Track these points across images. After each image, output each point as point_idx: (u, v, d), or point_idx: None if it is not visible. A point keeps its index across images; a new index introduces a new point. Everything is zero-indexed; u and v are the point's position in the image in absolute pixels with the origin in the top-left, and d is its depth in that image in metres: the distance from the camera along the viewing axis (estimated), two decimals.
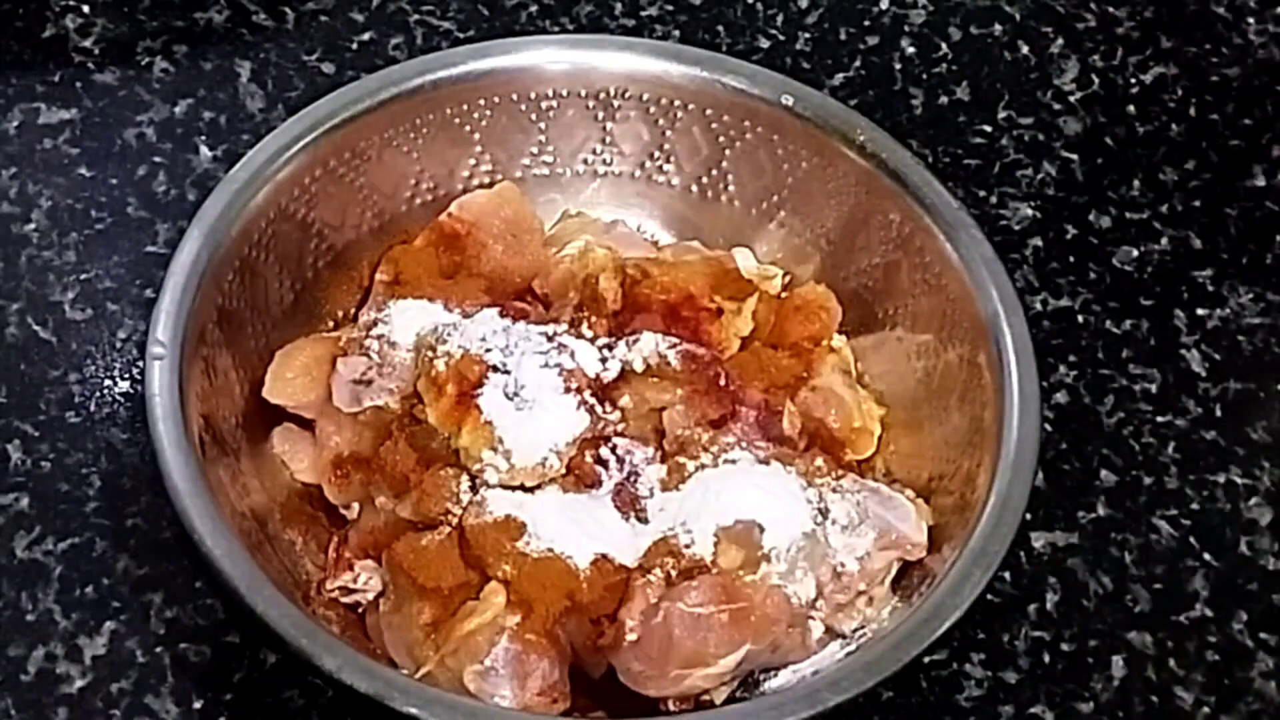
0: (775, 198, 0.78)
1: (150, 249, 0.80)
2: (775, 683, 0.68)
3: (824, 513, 0.68)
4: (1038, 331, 0.76)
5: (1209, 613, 0.74)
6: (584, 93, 0.78)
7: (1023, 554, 0.74)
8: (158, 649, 0.69)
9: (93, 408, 0.75)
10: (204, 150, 0.83)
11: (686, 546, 0.67)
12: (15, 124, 0.83)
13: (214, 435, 0.68)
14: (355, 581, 0.69)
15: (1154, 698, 0.72)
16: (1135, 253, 0.84)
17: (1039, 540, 0.75)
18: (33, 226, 0.80)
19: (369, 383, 0.70)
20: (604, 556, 0.66)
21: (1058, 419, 0.78)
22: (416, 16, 0.89)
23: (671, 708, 0.67)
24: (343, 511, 0.71)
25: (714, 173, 0.79)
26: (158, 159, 0.83)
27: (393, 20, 0.89)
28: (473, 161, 0.78)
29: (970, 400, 0.71)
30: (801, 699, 0.62)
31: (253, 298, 0.72)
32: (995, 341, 0.70)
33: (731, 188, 0.79)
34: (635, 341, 0.71)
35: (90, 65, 0.85)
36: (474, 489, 0.68)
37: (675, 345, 0.71)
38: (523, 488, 0.68)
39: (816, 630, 0.68)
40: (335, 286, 0.76)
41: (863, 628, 0.69)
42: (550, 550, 0.66)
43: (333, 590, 0.69)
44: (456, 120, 0.77)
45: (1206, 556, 0.75)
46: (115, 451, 0.74)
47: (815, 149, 0.76)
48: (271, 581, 0.63)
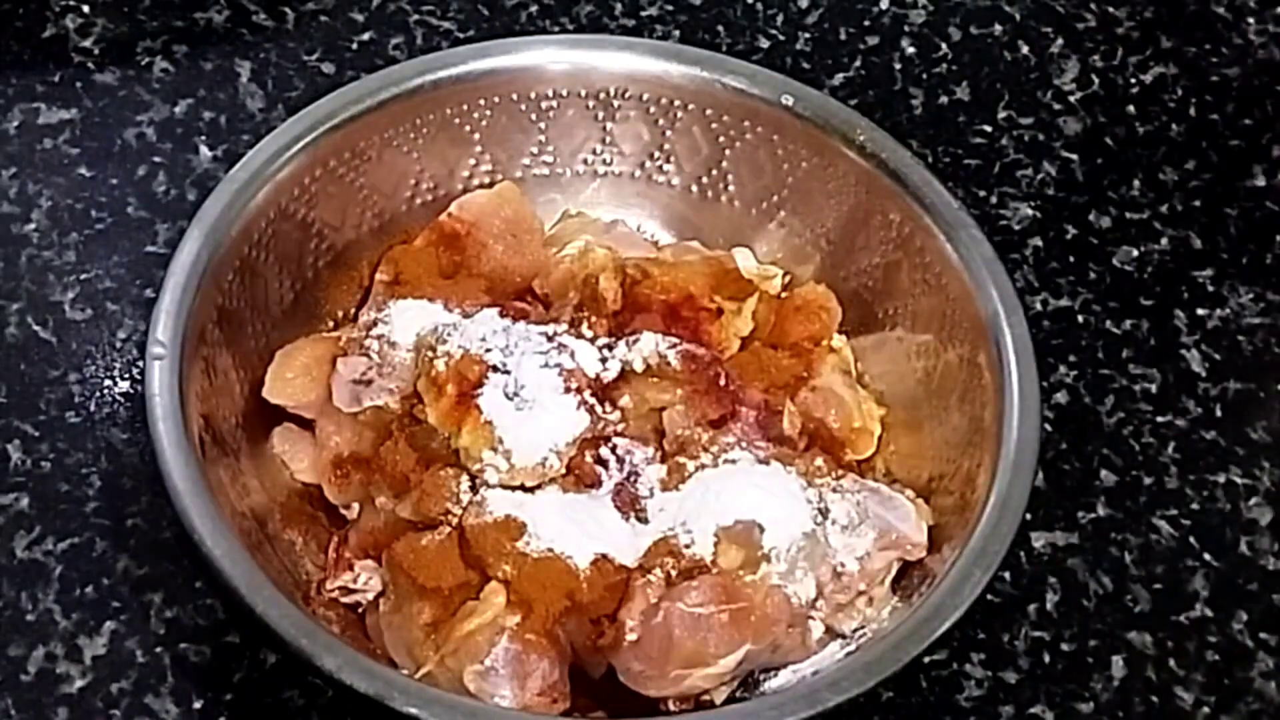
0: (775, 198, 0.78)
1: (150, 249, 0.80)
2: (775, 683, 0.68)
3: (824, 513, 0.68)
4: (1038, 331, 0.76)
5: (1209, 613, 0.74)
6: (584, 93, 0.78)
7: (1023, 554, 0.74)
8: (158, 649, 0.69)
9: (93, 408, 0.75)
10: (204, 150, 0.83)
11: (686, 546, 0.67)
12: (15, 124, 0.83)
13: (214, 435, 0.68)
14: (355, 581, 0.69)
15: (1154, 698, 0.72)
16: (1135, 253, 0.84)
17: (1039, 540, 0.75)
18: (33, 226, 0.80)
19: (369, 383, 0.70)
20: (604, 556, 0.66)
21: (1058, 419, 0.78)
22: (416, 16, 0.89)
23: (671, 708, 0.67)
24: (343, 511, 0.71)
25: (714, 173, 0.79)
26: (158, 159, 0.83)
27: (393, 20, 0.89)
28: (473, 161, 0.78)
29: (970, 400, 0.71)
30: (801, 699, 0.62)
31: (253, 298, 0.72)
32: (995, 341, 0.70)
33: (731, 188, 0.79)
34: (635, 341, 0.71)
35: (90, 65, 0.85)
36: (474, 489, 0.68)
37: (675, 345, 0.71)
38: (523, 488, 0.68)
39: (816, 630, 0.68)
40: (335, 286, 0.76)
41: (863, 628, 0.68)
42: (550, 550, 0.66)
43: (333, 590, 0.69)
44: (456, 120, 0.77)
45: (1206, 556, 0.75)
46: (115, 451, 0.74)
47: (815, 149, 0.76)
48: (271, 581, 0.63)
